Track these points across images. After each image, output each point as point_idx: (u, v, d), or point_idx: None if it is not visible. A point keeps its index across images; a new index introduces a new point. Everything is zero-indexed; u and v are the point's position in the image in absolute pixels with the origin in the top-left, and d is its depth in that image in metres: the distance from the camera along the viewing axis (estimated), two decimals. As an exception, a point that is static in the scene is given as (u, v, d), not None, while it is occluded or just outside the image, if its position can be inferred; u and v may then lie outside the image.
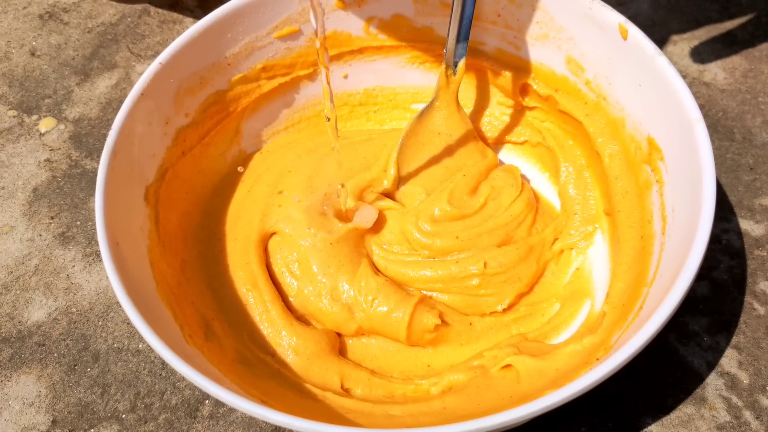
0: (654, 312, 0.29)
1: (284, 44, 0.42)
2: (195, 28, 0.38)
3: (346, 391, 0.36)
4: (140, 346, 0.41)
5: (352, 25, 0.43)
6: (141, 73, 0.43)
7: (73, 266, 0.44)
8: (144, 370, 0.40)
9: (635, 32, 0.36)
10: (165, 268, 0.36)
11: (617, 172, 0.39)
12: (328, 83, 0.35)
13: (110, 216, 0.33)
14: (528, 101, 0.44)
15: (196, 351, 0.33)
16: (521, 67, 0.43)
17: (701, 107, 0.42)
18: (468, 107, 0.46)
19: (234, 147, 0.44)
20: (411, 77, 0.46)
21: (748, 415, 0.37)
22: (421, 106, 0.46)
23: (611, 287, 0.37)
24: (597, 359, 0.31)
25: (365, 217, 0.40)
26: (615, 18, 0.37)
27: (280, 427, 0.38)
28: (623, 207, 0.39)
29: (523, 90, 0.44)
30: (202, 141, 0.41)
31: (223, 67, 0.41)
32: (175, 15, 0.58)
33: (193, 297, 0.37)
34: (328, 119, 0.37)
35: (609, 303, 0.36)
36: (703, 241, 0.30)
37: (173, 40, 0.38)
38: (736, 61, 0.52)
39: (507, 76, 0.44)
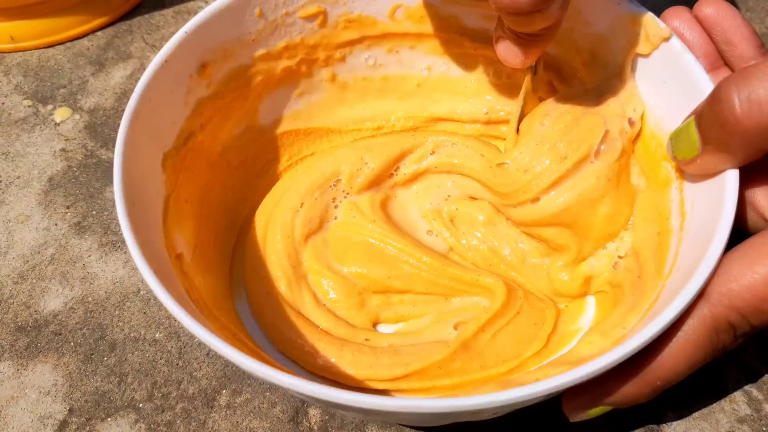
0: (670, 302, 0.29)
1: (309, 24, 0.42)
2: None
3: None
4: (157, 335, 0.41)
5: (378, 10, 0.42)
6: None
7: (90, 255, 0.44)
8: (161, 359, 0.40)
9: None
10: (177, 240, 0.36)
11: (636, 168, 0.39)
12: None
13: (128, 175, 0.33)
14: (548, 95, 0.44)
15: (207, 321, 0.32)
16: (545, 62, 0.42)
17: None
18: (488, 102, 0.46)
19: (252, 125, 0.43)
20: (435, 66, 0.46)
21: (768, 408, 0.37)
22: (441, 95, 0.46)
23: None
24: (612, 346, 0.31)
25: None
26: (643, 13, 0.37)
27: (296, 419, 0.38)
28: (640, 203, 0.38)
29: (546, 84, 0.44)
30: (221, 114, 0.41)
31: (247, 43, 0.40)
32: (189, 5, 0.58)
33: (204, 278, 0.37)
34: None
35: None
36: (725, 232, 0.30)
37: (189, 29, 0.38)
38: (755, 54, 0.51)
39: (530, 69, 0.43)
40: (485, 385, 0.34)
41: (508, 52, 0.36)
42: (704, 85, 0.34)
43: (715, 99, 0.30)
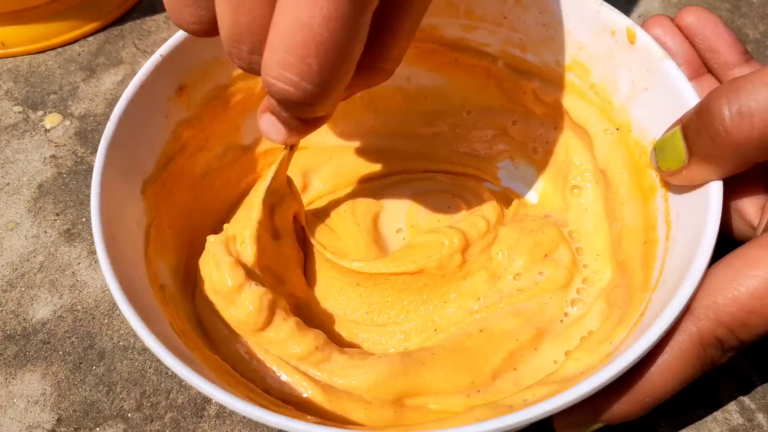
0: (657, 316, 0.28)
1: None
2: None
3: None
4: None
5: None
6: (147, 70, 0.43)
7: (79, 263, 0.44)
8: (150, 368, 0.40)
9: (643, 36, 0.36)
10: (160, 269, 0.35)
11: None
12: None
13: (106, 207, 0.32)
14: (531, 104, 0.44)
15: (193, 355, 0.32)
16: (525, 70, 0.42)
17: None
18: (473, 111, 0.46)
19: (234, 144, 0.43)
20: (414, 77, 0.45)
21: (761, 417, 0.37)
22: (422, 106, 0.46)
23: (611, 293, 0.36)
24: (600, 362, 0.31)
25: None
26: (623, 22, 0.37)
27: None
28: (626, 212, 0.38)
29: (527, 93, 0.43)
30: (202, 136, 0.41)
31: (224, 62, 0.40)
32: (181, 11, 0.58)
33: (189, 306, 0.36)
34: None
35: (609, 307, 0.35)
36: (710, 244, 0.30)
37: (178, 35, 0.38)
38: (747, 60, 0.51)
39: (511, 78, 0.43)
40: None
41: (271, 128, 0.31)
42: (686, 92, 0.34)
43: (704, 111, 0.30)
